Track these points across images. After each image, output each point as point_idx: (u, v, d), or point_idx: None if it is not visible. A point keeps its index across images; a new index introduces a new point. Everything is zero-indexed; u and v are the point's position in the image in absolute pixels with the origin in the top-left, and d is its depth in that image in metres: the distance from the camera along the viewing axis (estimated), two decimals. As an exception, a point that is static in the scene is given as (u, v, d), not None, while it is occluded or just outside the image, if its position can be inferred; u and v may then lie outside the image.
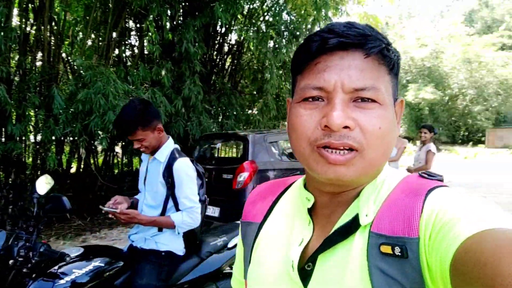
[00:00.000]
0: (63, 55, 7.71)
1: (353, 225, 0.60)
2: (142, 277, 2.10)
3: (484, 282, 0.41)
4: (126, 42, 8.53)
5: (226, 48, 10.22)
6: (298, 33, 9.30)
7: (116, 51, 7.78)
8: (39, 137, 6.59)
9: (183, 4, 8.38)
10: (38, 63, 7.01)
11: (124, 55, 7.99)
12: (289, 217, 0.74)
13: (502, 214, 0.50)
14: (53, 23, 6.99)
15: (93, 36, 8.13)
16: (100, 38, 7.82)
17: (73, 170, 8.40)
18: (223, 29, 9.40)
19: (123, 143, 8.25)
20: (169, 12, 7.49)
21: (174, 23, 8.23)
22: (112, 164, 9.09)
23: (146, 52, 8.42)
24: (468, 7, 44.85)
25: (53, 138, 5.97)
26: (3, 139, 6.12)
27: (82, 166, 7.90)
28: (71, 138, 6.74)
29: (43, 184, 2.09)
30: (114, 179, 8.57)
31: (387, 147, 0.61)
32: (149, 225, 2.19)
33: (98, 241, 5.60)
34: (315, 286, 0.62)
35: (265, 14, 9.28)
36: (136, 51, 8.33)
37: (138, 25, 8.55)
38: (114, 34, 7.43)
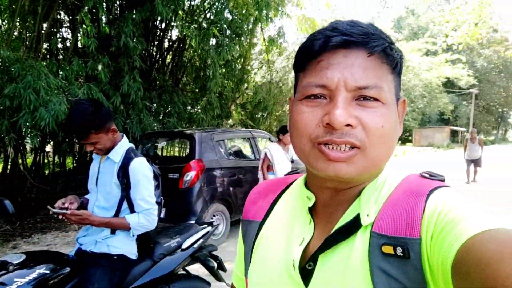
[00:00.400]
0: (-14, 46, 7.07)
1: (354, 225, 0.60)
2: (92, 282, 1.95)
3: (486, 282, 0.42)
4: (58, 35, 8.02)
5: (167, 44, 9.99)
6: (240, 32, 9.34)
7: (46, 44, 7.28)
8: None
9: (121, -4, 8.07)
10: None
11: (55, 48, 7.48)
12: (290, 216, 0.73)
13: (499, 218, 0.50)
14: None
15: (19, 26, 7.56)
16: (29, 29, 7.27)
17: (-2, 171, 7.76)
18: (164, 25, 9.17)
19: (55, 142, 7.76)
20: (105, 4, 7.16)
21: (111, 16, 7.88)
22: (43, 164, 8.53)
23: (80, 45, 7.98)
24: (396, 14, 47.85)
25: (-24, 136, 5.48)
26: None
27: (9, 166, 7.32)
28: (-4, 137, 6.21)
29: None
30: (45, 180, 8.06)
31: (390, 146, 0.61)
32: (102, 226, 2.05)
33: (31, 247, 5.18)
34: (316, 285, 0.61)
35: (207, 11, 9.19)
36: (69, 44, 7.85)
37: (71, 17, 8.07)
38: (45, 26, 6.94)
